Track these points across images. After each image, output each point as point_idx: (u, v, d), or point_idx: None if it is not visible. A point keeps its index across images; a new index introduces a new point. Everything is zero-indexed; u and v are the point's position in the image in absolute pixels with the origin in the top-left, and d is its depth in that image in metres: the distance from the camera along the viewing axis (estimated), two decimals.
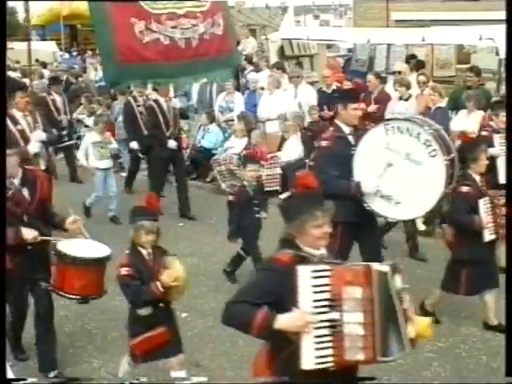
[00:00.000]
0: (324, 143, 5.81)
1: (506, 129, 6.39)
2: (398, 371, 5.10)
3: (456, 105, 9.71)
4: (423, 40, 11.44)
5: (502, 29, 5.26)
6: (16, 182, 4.91)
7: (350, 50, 18.17)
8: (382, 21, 24.04)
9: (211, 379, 5.11)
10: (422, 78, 10.11)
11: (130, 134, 10.60)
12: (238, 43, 16.40)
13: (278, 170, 10.11)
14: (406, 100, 9.80)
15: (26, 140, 7.57)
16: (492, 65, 11.90)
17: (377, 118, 9.81)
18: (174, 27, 7.24)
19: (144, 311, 4.47)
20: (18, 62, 20.29)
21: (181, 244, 8.22)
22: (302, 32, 14.98)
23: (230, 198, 7.11)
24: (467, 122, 9.15)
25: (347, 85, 10.36)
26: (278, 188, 10.10)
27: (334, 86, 11.10)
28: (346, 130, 5.80)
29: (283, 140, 10.58)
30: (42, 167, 7.48)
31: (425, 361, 5.33)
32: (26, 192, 4.94)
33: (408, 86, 9.89)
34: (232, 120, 11.54)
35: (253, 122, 11.27)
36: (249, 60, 13.99)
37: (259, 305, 3.10)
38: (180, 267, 4.41)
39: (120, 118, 11.77)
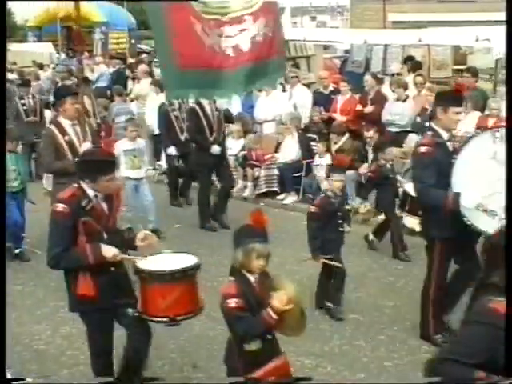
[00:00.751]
0: (423, 149, 5.30)
1: (506, 128, 6.38)
2: (394, 372, 5.11)
3: None
4: (420, 41, 11.46)
5: (498, 30, 5.27)
6: (99, 194, 4.34)
7: (346, 51, 18.21)
8: (379, 22, 24.09)
9: (208, 380, 5.12)
10: (418, 78, 10.14)
11: (165, 139, 10.15)
12: None
13: (276, 171, 10.12)
14: (403, 101, 9.83)
15: (75, 153, 6.54)
16: (488, 66, 11.93)
17: (374, 119, 9.88)
18: (219, 35, 6.53)
19: (253, 345, 3.87)
20: (14, 64, 20.28)
21: (177, 245, 8.21)
22: (299, 33, 14.98)
23: (312, 209, 6.31)
24: (464, 122, 9.16)
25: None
26: (276, 189, 10.12)
27: (331, 87, 11.15)
28: (445, 135, 5.34)
29: (280, 141, 10.59)
30: None
31: (422, 362, 5.31)
32: (104, 205, 4.40)
33: (405, 87, 9.92)
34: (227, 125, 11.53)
35: (250, 123, 11.29)
36: None
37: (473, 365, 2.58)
38: (291, 287, 3.82)
39: (117, 119, 11.76)
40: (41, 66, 18.92)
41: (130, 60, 19.40)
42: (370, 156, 9.38)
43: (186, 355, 5.50)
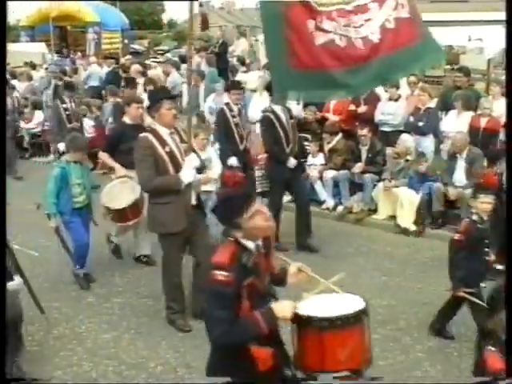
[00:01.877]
0: None
1: (506, 127, 6.41)
2: (388, 371, 5.12)
3: (446, 105, 9.75)
4: None
5: (490, 30, 5.28)
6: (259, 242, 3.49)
7: None
8: None
9: (202, 379, 5.11)
10: (412, 78, 10.17)
11: (225, 148, 8.76)
12: (227, 44, 16.47)
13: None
14: (396, 100, 9.84)
15: (177, 166, 5.66)
16: (481, 65, 11.97)
17: (367, 119, 9.88)
18: (346, 25, 5.78)
19: None
20: (7, 64, 20.20)
21: None
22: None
23: (456, 236, 5.49)
24: (457, 122, 9.20)
25: None
26: (268, 189, 10.09)
27: None
28: None
29: None
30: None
31: (415, 361, 5.34)
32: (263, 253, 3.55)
33: (397, 87, 9.93)
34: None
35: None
36: (241, 61, 14.00)
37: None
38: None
39: (111, 119, 11.73)
40: (33, 66, 18.84)
41: (123, 60, 19.34)
42: (364, 156, 9.41)
43: (180, 355, 5.49)
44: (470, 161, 8.31)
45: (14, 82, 15.84)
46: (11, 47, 25.19)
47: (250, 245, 3.40)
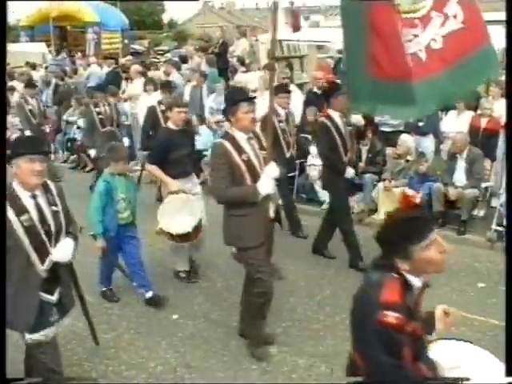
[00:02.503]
0: None
1: (505, 127, 6.40)
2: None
3: (446, 106, 9.74)
4: None
5: (490, 30, 5.25)
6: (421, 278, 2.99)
7: (339, 52, 18.20)
8: None
9: (202, 380, 5.11)
10: None
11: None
12: (227, 45, 16.48)
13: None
14: None
15: (255, 176, 5.13)
16: None
17: (366, 119, 9.87)
18: (415, 35, 5.18)
19: None
20: (7, 64, 20.20)
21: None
22: (292, 33, 14.97)
23: None
24: (457, 122, 9.20)
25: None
26: None
27: None
28: None
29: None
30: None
31: None
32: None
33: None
34: (222, 121, 11.52)
35: None
36: (241, 61, 14.00)
37: None
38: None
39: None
40: (33, 66, 18.85)
41: (123, 60, 19.35)
42: (364, 156, 9.41)
43: (180, 356, 5.49)
44: (470, 161, 8.31)
45: (13, 82, 15.81)
46: (11, 47, 25.26)
47: (416, 282, 2.89)
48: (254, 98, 5.59)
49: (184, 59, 15.73)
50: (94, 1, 29.57)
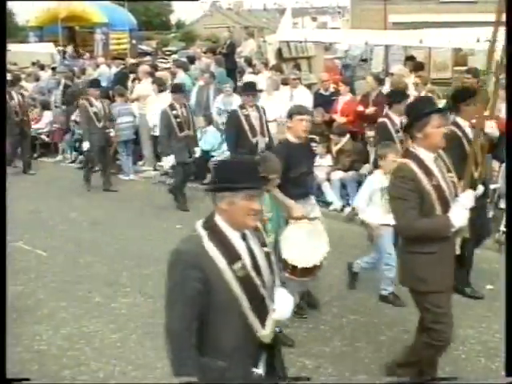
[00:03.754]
0: None
1: (505, 128, 6.36)
2: None
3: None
4: (421, 42, 11.46)
5: (499, 31, 5.23)
6: None
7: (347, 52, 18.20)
8: (380, 23, 24.11)
9: None
10: (417, 80, 10.13)
11: None
12: (235, 45, 16.51)
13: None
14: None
15: (445, 205, 4.41)
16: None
17: (375, 120, 9.86)
18: None
19: None
20: (15, 64, 20.27)
21: None
22: (300, 34, 14.97)
23: None
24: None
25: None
26: None
27: (331, 89, 11.14)
28: None
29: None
30: None
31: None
32: None
33: (405, 89, 9.90)
34: None
35: None
36: (248, 62, 14.00)
37: None
38: None
39: (120, 120, 11.76)
40: (42, 67, 18.91)
41: (131, 60, 19.40)
42: (371, 157, 9.39)
43: None
44: None
45: (21, 82, 15.87)
46: (19, 47, 25.39)
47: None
48: (441, 109, 4.82)
49: (192, 60, 15.74)
50: (103, 1, 29.66)
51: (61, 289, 6.88)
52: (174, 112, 9.69)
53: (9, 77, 16.10)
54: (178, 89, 10.25)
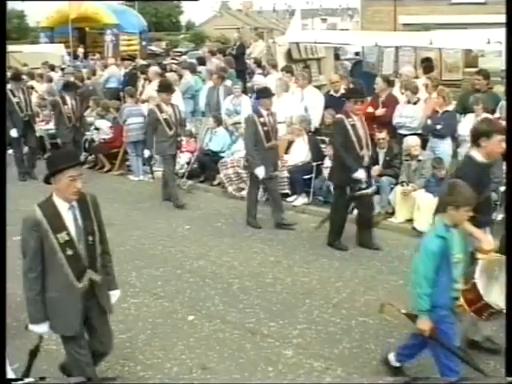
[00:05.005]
0: None
1: (506, 129, 6.32)
2: (405, 374, 5.09)
3: (464, 108, 9.69)
4: (431, 43, 11.42)
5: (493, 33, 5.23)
6: None
7: (357, 54, 18.18)
8: (390, 24, 24.09)
9: (218, 381, 5.12)
10: (427, 81, 10.08)
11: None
12: (245, 47, 16.52)
13: (286, 174, 10.10)
14: (415, 103, 9.79)
15: None
16: (500, 68, 11.86)
17: (385, 122, 9.85)
18: None
19: None
20: (25, 65, 20.37)
21: (187, 247, 8.23)
22: (310, 35, 14.96)
23: None
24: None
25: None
26: (286, 191, 10.10)
27: (342, 90, 11.11)
28: None
29: (290, 143, 10.57)
30: None
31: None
32: None
33: (414, 90, 9.88)
34: (239, 123, 11.54)
35: None
36: (258, 63, 14.01)
37: None
38: None
39: (129, 121, 11.80)
40: (52, 67, 19.00)
41: (141, 62, 19.45)
42: (381, 159, 9.37)
43: (196, 357, 5.50)
44: None
45: (31, 82, 15.95)
46: (30, 48, 25.52)
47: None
48: None
49: (202, 61, 15.77)
50: (113, 1, 29.77)
51: None
52: (261, 119, 8.74)
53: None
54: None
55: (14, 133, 12.13)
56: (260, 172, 8.71)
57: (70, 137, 12.11)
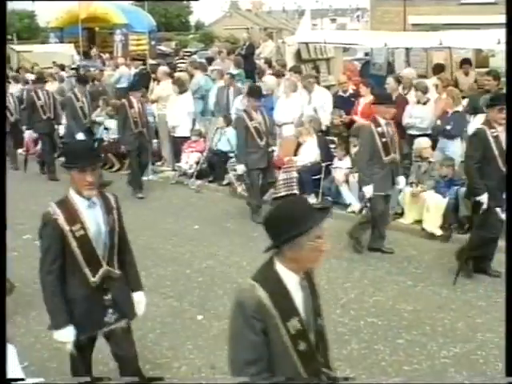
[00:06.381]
0: None
1: (506, 128, 6.29)
2: (413, 376, 5.09)
3: (474, 109, 9.65)
4: (441, 44, 11.39)
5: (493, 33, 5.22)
6: None
7: (366, 54, 18.15)
8: (399, 24, 24.02)
9: (226, 381, 5.12)
10: (437, 81, 10.05)
11: None
12: (254, 47, 16.52)
13: (295, 174, 10.10)
14: (424, 104, 9.77)
15: None
16: None
17: (394, 122, 9.81)
18: None
19: None
20: (36, 65, 20.46)
21: (196, 246, 8.25)
22: (319, 35, 14.95)
23: None
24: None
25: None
26: (295, 192, 10.10)
27: (350, 90, 11.10)
28: None
29: (300, 143, 10.57)
30: None
31: (441, 367, 5.29)
32: None
33: (424, 90, 9.86)
34: None
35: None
36: (269, 63, 14.00)
37: None
38: None
39: None
40: (62, 67, 19.07)
41: (151, 61, 19.49)
42: None
43: (205, 356, 5.51)
44: None
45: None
46: (40, 48, 25.62)
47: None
48: None
49: (211, 61, 15.79)
50: (122, 1, 29.85)
51: None
52: (379, 129, 7.61)
53: (33, 76, 16.35)
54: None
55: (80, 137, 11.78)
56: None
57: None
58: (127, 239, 4.37)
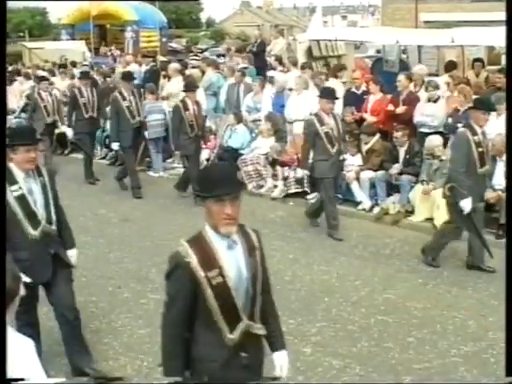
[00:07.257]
0: None
1: (506, 127, 6.27)
2: (424, 375, 5.08)
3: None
4: (452, 41, 11.33)
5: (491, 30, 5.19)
6: None
7: (378, 51, 18.08)
8: (411, 21, 23.89)
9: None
10: (448, 79, 10.01)
11: None
12: (265, 44, 16.51)
13: (306, 171, 10.06)
14: (435, 102, 9.73)
15: None
16: None
17: (405, 120, 9.79)
18: None
19: None
20: (47, 62, 20.58)
21: None
22: (330, 32, 14.92)
23: None
24: (497, 124, 9.03)
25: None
26: (305, 189, 10.08)
27: (363, 87, 11.06)
28: None
29: None
30: None
31: (452, 365, 5.28)
32: None
33: (436, 88, 9.81)
34: (259, 120, 11.54)
35: (279, 123, 11.26)
36: (279, 60, 13.99)
37: None
38: None
39: (150, 117, 11.83)
40: (74, 64, 19.15)
41: (162, 58, 19.52)
42: (401, 157, 9.33)
43: None
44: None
45: (53, 79, 16.06)
46: (52, 45, 25.74)
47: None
48: None
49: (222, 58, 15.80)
50: (134, 0, 29.89)
51: (91, 284, 6.95)
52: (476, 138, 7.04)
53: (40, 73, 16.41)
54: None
55: (115, 146, 10.86)
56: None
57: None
58: (270, 288, 3.57)
